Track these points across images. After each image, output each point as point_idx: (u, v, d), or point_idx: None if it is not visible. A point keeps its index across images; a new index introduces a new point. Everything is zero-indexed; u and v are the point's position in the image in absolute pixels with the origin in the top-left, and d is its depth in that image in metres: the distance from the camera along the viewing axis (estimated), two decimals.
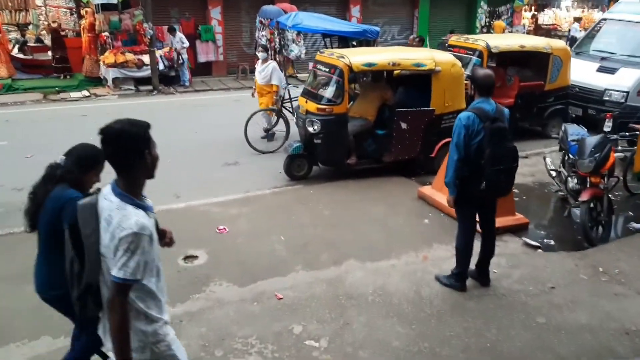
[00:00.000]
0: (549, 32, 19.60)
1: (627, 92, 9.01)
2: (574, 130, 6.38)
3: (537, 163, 7.95)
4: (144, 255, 2.08)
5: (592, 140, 5.55)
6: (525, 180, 7.39)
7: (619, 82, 9.18)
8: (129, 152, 2.09)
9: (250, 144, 8.40)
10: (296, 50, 15.27)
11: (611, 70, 9.43)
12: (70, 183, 2.85)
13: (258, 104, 8.95)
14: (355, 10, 17.20)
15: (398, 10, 18.34)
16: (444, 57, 7.28)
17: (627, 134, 5.82)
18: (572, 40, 11.65)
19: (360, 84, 8.06)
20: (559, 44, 9.21)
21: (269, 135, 8.86)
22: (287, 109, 8.77)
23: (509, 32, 18.43)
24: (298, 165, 7.29)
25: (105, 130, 2.08)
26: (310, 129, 6.91)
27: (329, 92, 6.99)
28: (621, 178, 6.54)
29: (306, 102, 7.18)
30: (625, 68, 9.27)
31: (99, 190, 2.26)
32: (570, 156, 6.08)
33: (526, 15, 21.16)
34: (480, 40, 8.68)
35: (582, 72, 9.58)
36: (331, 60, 7.01)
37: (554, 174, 6.52)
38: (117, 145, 2.07)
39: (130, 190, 2.15)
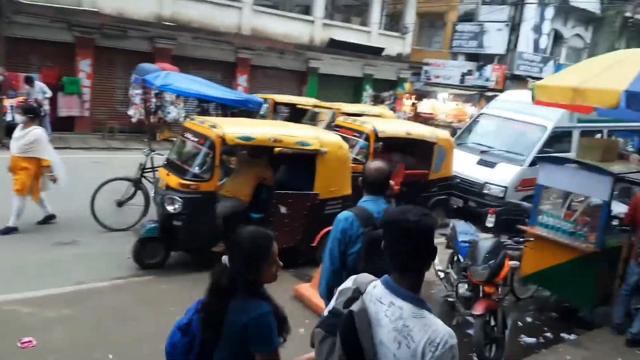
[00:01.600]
0: (427, 120, 20.59)
1: (506, 187, 9.04)
2: (464, 229, 5.89)
3: None
4: None
5: (485, 244, 5.00)
6: None
7: (498, 177, 9.22)
8: (428, 249, 1.84)
9: (96, 218, 6.92)
10: (174, 112, 14.18)
11: (490, 165, 9.50)
12: (248, 290, 2.19)
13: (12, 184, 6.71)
14: (242, 79, 16.62)
15: (286, 84, 18.12)
16: (331, 138, 6.61)
17: (521, 239, 5.44)
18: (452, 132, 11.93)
19: (238, 158, 7.09)
20: (444, 134, 9.13)
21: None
22: (148, 180, 7.47)
23: None
24: (151, 250, 5.97)
25: (398, 223, 1.83)
26: (170, 208, 5.71)
27: (196, 165, 5.90)
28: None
29: (168, 175, 6.01)
30: (504, 163, 9.39)
31: (358, 291, 1.89)
32: (461, 258, 5.51)
33: (407, 103, 22.18)
34: (367, 123, 8.25)
35: (464, 164, 9.55)
36: (202, 129, 5.99)
37: (442, 275, 5.90)
38: (419, 242, 1.82)
39: (417, 292, 1.83)
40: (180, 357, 2.29)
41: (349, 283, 1.99)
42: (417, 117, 20.58)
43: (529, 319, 5.86)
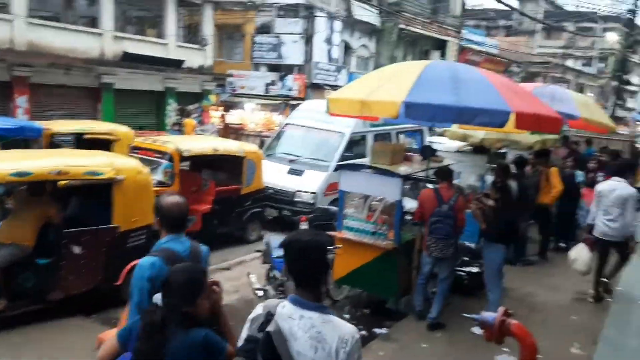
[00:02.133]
0: (237, 131, 20.64)
1: (315, 193, 9.43)
2: (278, 242, 5.90)
3: (241, 275, 7.23)
4: None
5: None
6: (230, 299, 6.51)
7: (307, 184, 9.58)
8: (322, 263, 2.10)
9: None
10: None
11: (299, 173, 9.82)
12: (184, 322, 2.32)
13: None
14: (21, 100, 14.51)
15: (78, 102, 16.39)
16: (127, 164, 6.06)
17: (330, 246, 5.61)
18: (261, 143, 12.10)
19: (15, 197, 6.07)
20: (251, 147, 9.16)
21: None
22: None
23: (200, 130, 18.61)
24: None
25: (293, 244, 2.12)
26: None
27: None
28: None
29: None
30: (311, 170, 9.78)
31: (270, 314, 2.10)
32: (277, 274, 5.50)
33: (215, 115, 21.94)
34: (170, 143, 7.83)
35: (275, 174, 9.71)
36: None
37: (260, 293, 5.81)
38: (312, 259, 2.08)
39: (321, 301, 2.11)
40: None
41: (259, 310, 2.20)
42: (227, 129, 20.50)
43: (346, 317, 6.12)
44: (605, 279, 6.61)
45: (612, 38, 38.70)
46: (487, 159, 8.50)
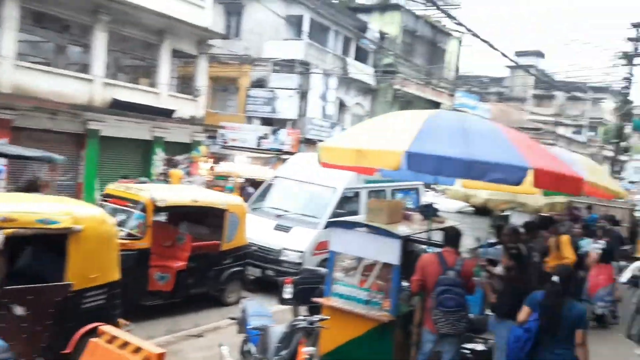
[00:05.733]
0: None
1: (303, 252, 8.65)
2: (256, 311, 5.10)
3: (213, 344, 6.32)
4: None
5: (276, 331, 4.27)
6: None
7: (294, 242, 8.82)
8: None
9: None
10: None
11: (286, 229, 9.08)
12: (571, 294, 4.25)
13: None
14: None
15: (60, 148, 15.66)
16: (88, 212, 5.33)
17: (315, 318, 4.81)
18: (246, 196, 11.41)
19: None
20: (235, 200, 8.45)
21: None
22: None
23: (187, 181, 17.90)
24: None
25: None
26: None
27: None
28: None
29: None
30: (299, 227, 9.05)
31: None
32: (252, 347, 4.67)
33: (204, 167, 21.34)
34: (144, 191, 7.11)
35: (260, 230, 8.96)
36: None
37: None
38: None
39: None
40: (521, 343, 4.35)
41: None
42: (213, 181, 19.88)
43: None
44: None
45: (608, 106, 39.22)
46: (489, 221, 7.84)
